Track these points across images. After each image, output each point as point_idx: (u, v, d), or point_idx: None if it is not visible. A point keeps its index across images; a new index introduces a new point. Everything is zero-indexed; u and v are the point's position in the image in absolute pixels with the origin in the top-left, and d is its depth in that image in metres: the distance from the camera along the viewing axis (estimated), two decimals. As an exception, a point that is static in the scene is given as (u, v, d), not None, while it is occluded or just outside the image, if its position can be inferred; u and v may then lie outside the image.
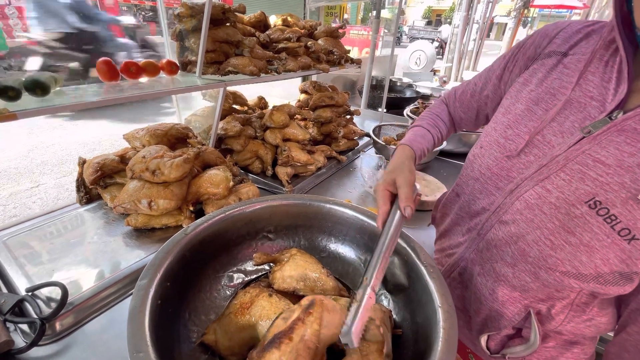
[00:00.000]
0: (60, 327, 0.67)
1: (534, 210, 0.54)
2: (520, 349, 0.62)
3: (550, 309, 0.57)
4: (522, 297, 0.59)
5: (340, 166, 1.55)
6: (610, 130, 0.48)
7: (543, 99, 0.57)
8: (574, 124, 0.52)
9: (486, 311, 0.65)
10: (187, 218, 0.96)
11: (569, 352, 0.63)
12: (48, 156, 3.68)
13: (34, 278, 0.75)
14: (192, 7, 1.10)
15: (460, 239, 0.71)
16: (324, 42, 1.57)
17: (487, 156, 0.63)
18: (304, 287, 0.62)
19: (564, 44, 0.59)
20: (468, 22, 8.17)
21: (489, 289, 0.63)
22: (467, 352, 0.80)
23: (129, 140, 1.11)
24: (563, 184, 0.51)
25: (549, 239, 0.52)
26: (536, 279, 0.55)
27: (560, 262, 0.51)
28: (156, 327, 0.49)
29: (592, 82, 0.53)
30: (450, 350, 0.47)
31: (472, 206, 0.67)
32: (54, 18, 4.18)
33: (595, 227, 0.47)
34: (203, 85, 1.09)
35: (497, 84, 0.72)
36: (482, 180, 0.64)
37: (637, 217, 0.44)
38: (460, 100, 0.82)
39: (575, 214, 0.49)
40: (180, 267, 0.61)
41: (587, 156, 0.50)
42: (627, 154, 0.46)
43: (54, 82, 0.83)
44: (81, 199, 1.06)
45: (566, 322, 0.58)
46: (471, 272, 0.68)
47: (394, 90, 2.89)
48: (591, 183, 0.48)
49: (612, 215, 0.46)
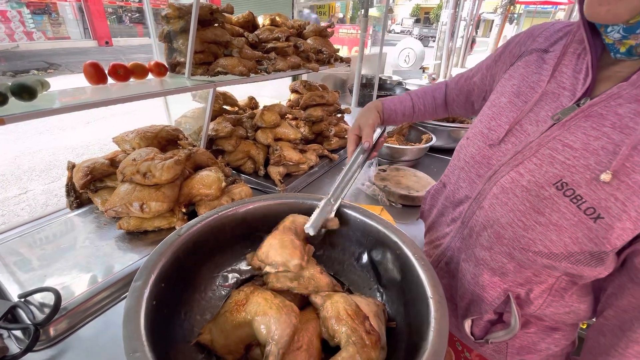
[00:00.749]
0: (54, 332, 0.67)
1: (508, 194, 0.57)
2: (502, 334, 0.65)
3: (529, 293, 0.60)
4: (501, 281, 0.61)
5: (332, 164, 1.56)
6: (577, 116, 0.52)
7: (523, 92, 0.61)
8: (548, 113, 0.56)
9: (469, 296, 0.67)
10: (179, 220, 0.95)
11: (550, 337, 0.65)
12: (35, 162, 3.61)
13: (26, 284, 0.74)
14: (179, 8, 1.09)
15: (446, 230, 0.74)
16: (313, 42, 1.57)
17: (471, 146, 0.67)
18: (298, 286, 0.63)
19: (545, 42, 0.63)
20: (456, 19, 8.27)
21: (471, 274, 0.66)
22: (454, 340, 0.83)
23: (119, 143, 1.10)
24: (534, 168, 0.54)
25: (521, 220, 0.55)
26: (512, 259, 0.58)
27: (532, 242, 0.54)
28: (152, 328, 0.49)
29: (565, 74, 0.56)
30: (441, 340, 0.48)
31: (457, 195, 0.70)
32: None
33: (562, 207, 0.50)
34: (192, 86, 1.08)
35: (484, 74, 0.78)
36: (466, 169, 0.67)
37: (601, 196, 0.47)
38: (456, 83, 0.88)
39: (544, 195, 0.52)
40: (175, 268, 0.62)
41: (557, 141, 0.53)
42: (592, 138, 0.49)
43: (41, 86, 0.82)
44: (71, 204, 1.05)
45: (544, 306, 0.60)
46: (457, 260, 0.71)
47: (384, 88, 2.91)
48: (559, 166, 0.51)
49: (578, 196, 0.49)
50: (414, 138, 1.75)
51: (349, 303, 0.59)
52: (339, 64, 1.71)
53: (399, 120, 0.90)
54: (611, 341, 0.55)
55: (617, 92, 0.49)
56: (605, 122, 0.49)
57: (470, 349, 0.80)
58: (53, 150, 3.87)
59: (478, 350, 0.76)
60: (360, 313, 0.57)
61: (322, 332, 0.58)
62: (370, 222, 0.74)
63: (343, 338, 0.54)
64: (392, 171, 1.39)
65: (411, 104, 0.90)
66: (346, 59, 1.77)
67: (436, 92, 0.92)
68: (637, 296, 0.51)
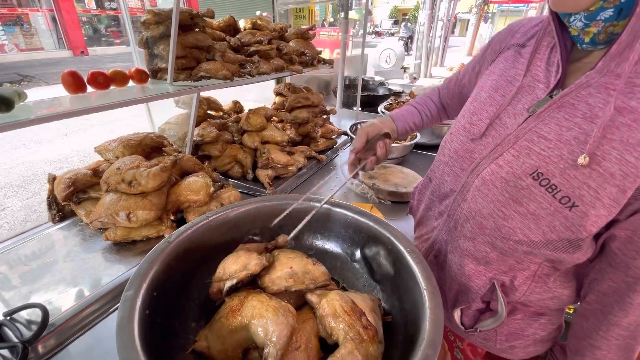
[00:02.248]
0: (43, 349, 0.65)
1: (488, 185, 0.59)
2: (490, 322, 0.67)
3: (513, 280, 0.61)
4: (486, 270, 0.63)
5: (321, 165, 1.56)
6: (551, 107, 0.53)
7: (502, 86, 0.63)
8: (524, 106, 0.58)
9: (456, 286, 0.69)
10: (168, 228, 0.94)
11: (537, 322, 0.67)
12: (12, 177, 3.48)
13: (11, 302, 0.71)
14: (158, 13, 1.08)
15: (434, 223, 0.75)
16: (295, 44, 1.58)
17: (455, 141, 0.68)
18: (294, 283, 0.62)
19: (522, 37, 0.65)
20: (433, 19, 8.45)
21: (457, 265, 0.67)
22: (446, 331, 0.84)
23: (101, 153, 1.07)
24: (512, 160, 0.56)
25: (501, 211, 0.57)
26: (494, 248, 0.60)
27: (512, 231, 0.56)
28: (146, 338, 0.48)
29: (539, 67, 0.59)
30: (437, 330, 0.49)
31: (442, 189, 0.72)
32: None
33: (539, 196, 0.52)
34: (175, 92, 1.07)
35: (471, 74, 0.80)
36: (450, 164, 0.69)
37: (575, 185, 0.49)
38: (447, 88, 0.91)
39: (521, 185, 0.54)
40: (167, 275, 0.61)
41: (533, 133, 0.55)
42: (565, 129, 0.51)
43: (18, 97, 0.79)
44: (54, 217, 1.01)
45: (529, 293, 0.61)
46: (445, 252, 0.72)
47: (367, 88, 2.94)
48: (535, 157, 0.53)
49: (553, 185, 0.50)
50: (399, 136, 1.78)
51: (345, 300, 0.59)
52: (322, 66, 1.72)
53: (409, 125, 0.89)
54: (594, 325, 0.57)
55: (586, 81, 0.51)
56: (576, 113, 0.51)
57: (462, 339, 0.82)
58: (30, 165, 3.74)
59: (469, 339, 0.78)
60: (357, 309, 0.58)
61: (320, 330, 0.58)
62: (361, 219, 0.75)
63: (341, 335, 0.54)
64: (380, 169, 1.40)
65: (417, 111, 0.91)
66: (329, 60, 1.78)
67: (432, 98, 0.94)
68: (616, 280, 0.53)
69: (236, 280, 0.60)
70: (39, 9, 11.11)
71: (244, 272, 0.60)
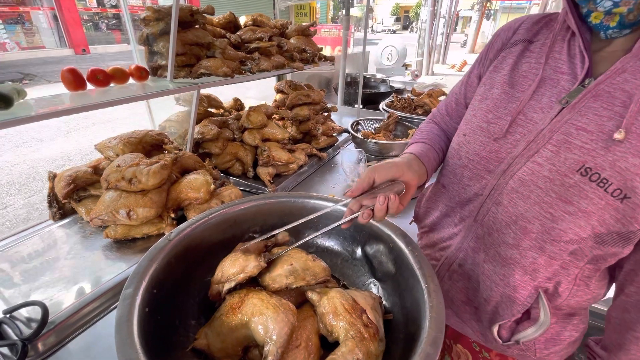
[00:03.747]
0: (43, 347, 0.64)
1: (529, 186, 0.55)
2: (531, 331, 0.62)
3: (557, 286, 0.58)
4: (531, 279, 0.59)
5: (322, 163, 1.55)
6: (586, 97, 0.51)
7: (517, 82, 0.60)
8: (551, 99, 0.55)
9: (497, 298, 0.64)
10: (168, 225, 0.94)
11: (570, 324, 0.64)
12: (14, 176, 3.49)
13: (11, 300, 0.71)
14: (157, 10, 1.07)
15: (453, 230, 0.71)
16: (296, 41, 1.57)
17: (472, 142, 0.65)
18: (295, 280, 0.62)
19: (527, 33, 0.63)
20: (435, 16, 8.41)
21: (499, 275, 0.62)
22: (470, 342, 0.79)
23: (102, 150, 1.07)
24: (552, 156, 0.53)
25: (549, 212, 0.53)
26: (542, 252, 0.56)
27: (563, 232, 0.53)
28: (146, 336, 0.48)
29: (560, 60, 0.56)
30: (438, 327, 0.48)
31: (463, 194, 0.68)
32: None
33: (590, 193, 0.49)
34: (176, 89, 1.06)
35: (474, 82, 0.74)
36: (470, 167, 0.65)
37: (627, 177, 0.47)
38: (448, 114, 0.81)
39: (569, 183, 0.51)
40: (166, 273, 0.60)
41: (570, 125, 0.52)
42: (606, 118, 0.49)
43: (17, 94, 0.79)
44: (54, 215, 1.01)
45: (570, 297, 0.59)
46: (473, 261, 0.68)
47: (369, 86, 2.93)
48: (578, 151, 0.50)
49: (604, 179, 0.48)
50: (400, 133, 1.77)
51: (346, 298, 0.58)
52: (323, 63, 1.72)
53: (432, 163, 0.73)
54: (636, 316, 0.55)
55: (621, 66, 0.49)
56: (615, 102, 0.48)
57: (489, 349, 0.76)
58: (32, 163, 3.74)
59: (505, 352, 0.72)
60: (357, 307, 0.57)
61: (320, 328, 0.58)
62: (362, 217, 0.74)
63: (341, 333, 0.54)
64: (381, 167, 1.39)
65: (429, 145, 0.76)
66: (330, 57, 1.77)
67: (434, 130, 0.82)
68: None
69: (234, 283, 0.60)
70: (40, 7, 11.11)
71: (242, 275, 0.60)
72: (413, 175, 0.62)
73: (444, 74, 8.57)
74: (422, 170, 0.67)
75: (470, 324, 0.73)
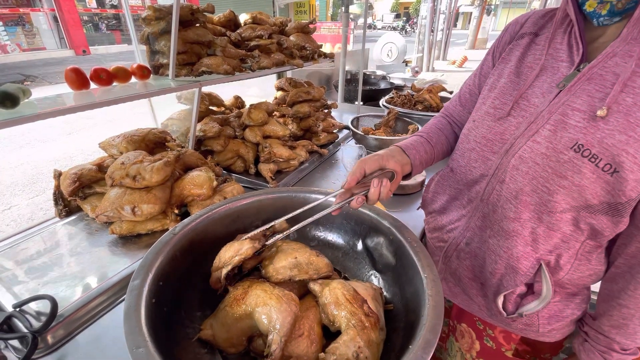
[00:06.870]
0: (52, 339, 0.66)
1: (528, 163, 0.59)
2: (534, 304, 0.66)
3: (558, 259, 0.62)
4: (533, 250, 0.63)
5: (323, 159, 1.57)
6: (580, 80, 0.55)
7: (522, 71, 0.65)
8: (551, 85, 0.60)
9: (502, 270, 0.67)
10: (172, 221, 0.95)
11: (573, 302, 0.68)
12: (17, 176, 3.51)
13: (20, 295, 0.73)
14: (158, 9, 1.09)
15: (462, 212, 0.75)
16: (295, 38, 1.58)
17: (480, 127, 0.69)
18: (299, 273, 0.63)
19: (533, 26, 0.68)
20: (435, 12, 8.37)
21: (503, 248, 0.66)
22: (474, 320, 0.83)
23: (105, 149, 1.08)
24: (550, 135, 0.57)
25: (545, 186, 0.58)
26: (541, 223, 0.61)
27: (557, 204, 0.57)
28: (154, 326, 0.49)
29: (560, 49, 0.61)
30: (437, 315, 0.50)
31: (469, 176, 0.72)
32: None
33: (582, 167, 0.53)
34: (177, 87, 1.08)
35: (487, 73, 0.76)
36: (477, 149, 0.69)
37: (614, 152, 0.50)
38: (462, 105, 0.83)
39: (563, 159, 0.55)
40: (172, 266, 0.62)
41: (566, 107, 0.56)
42: (597, 99, 0.53)
43: (23, 94, 0.80)
44: (60, 212, 1.03)
45: (572, 271, 0.62)
46: (480, 239, 0.72)
47: (369, 82, 2.93)
48: (572, 130, 0.54)
49: (594, 155, 0.52)
50: (400, 129, 1.78)
51: (347, 288, 0.60)
52: (323, 60, 1.72)
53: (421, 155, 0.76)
54: (622, 286, 0.59)
55: (612, 50, 0.53)
56: (606, 84, 0.52)
57: (493, 326, 0.80)
58: (35, 164, 3.77)
59: (508, 327, 0.76)
60: (359, 297, 0.59)
61: (322, 318, 0.60)
62: (363, 211, 0.76)
63: (343, 322, 0.56)
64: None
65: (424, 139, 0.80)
66: (330, 54, 1.78)
67: (439, 125, 0.85)
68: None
69: (231, 266, 0.61)
70: (40, 9, 11.14)
71: (237, 257, 0.61)
72: (396, 163, 0.68)
73: (444, 70, 8.54)
74: (405, 160, 0.72)
75: (477, 299, 0.77)
